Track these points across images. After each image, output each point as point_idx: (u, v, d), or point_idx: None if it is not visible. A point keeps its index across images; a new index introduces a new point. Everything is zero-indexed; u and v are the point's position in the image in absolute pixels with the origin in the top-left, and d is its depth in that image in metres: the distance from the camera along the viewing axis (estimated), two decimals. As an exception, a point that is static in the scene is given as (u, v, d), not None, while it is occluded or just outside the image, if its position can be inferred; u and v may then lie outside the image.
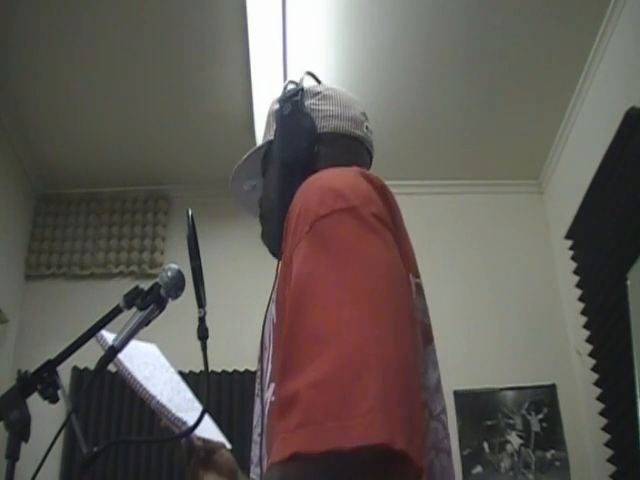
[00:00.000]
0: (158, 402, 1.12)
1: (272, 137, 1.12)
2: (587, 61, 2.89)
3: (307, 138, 1.07)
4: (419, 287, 0.91)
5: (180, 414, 1.13)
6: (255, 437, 0.96)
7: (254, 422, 0.99)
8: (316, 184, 0.86)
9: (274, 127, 1.12)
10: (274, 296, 0.94)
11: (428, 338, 0.91)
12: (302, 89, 1.12)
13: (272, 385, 0.86)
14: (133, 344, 1.02)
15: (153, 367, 1.23)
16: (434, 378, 0.88)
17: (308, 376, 0.68)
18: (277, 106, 1.13)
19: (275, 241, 1.03)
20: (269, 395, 0.86)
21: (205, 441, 1.19)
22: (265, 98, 2.90)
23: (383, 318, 0.72)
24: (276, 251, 1.04)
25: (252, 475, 0.96)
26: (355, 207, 0.80)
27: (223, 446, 1.22)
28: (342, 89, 1.17)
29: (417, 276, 0.92)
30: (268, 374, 0.89)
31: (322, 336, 0.70)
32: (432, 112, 3.17)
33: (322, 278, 0.75)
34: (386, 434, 0.64)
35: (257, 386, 1.00)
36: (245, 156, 1.17)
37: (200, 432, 1.15)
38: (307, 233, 0.79)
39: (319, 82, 1.20)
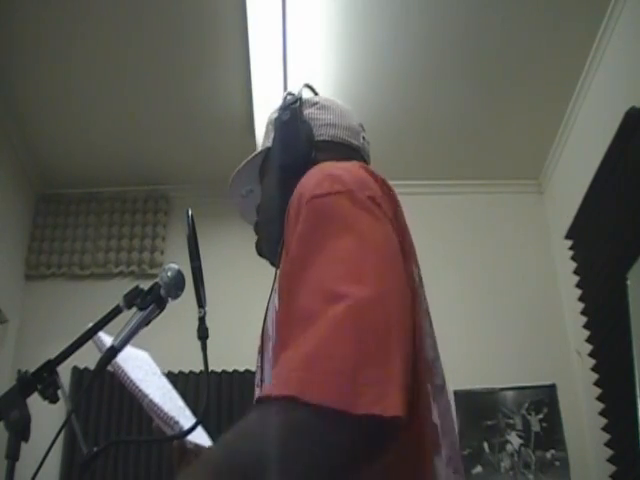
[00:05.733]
0: (151, 401, 1.12)
1: (270, 144, 1.14)
2: (587, 61, 2.89)
3: (305, 144, 1.09)
4: (420, 278, 0.92)
5: (173, 414, 1.13)
6: None
7: None
8: (314, 171, 0.88)
9: (272, 135, 1.14)
10: (276, 285, 0.94)
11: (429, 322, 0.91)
12: (301, 98, 1.14)
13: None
14: (127, 349, 1.02)
15: (146, 372, 1.23)
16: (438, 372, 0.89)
17: (294, 347, 0.68)
18: (276, 114, 1.16)
19: (275, 246, 1.03)
20: None
21: (197, 446, 1.19)
22: (265, 98, 2.90)
23: (378, 290, 0.71)
24: (274, 258, 1.04)
25: None
26: (351, 190, 0.81)
27: None
28: (340, 101, 1.20)
29: (417, 266, 0.92)
30: (272, 363, 0.89)
31: (316, 309, 0.70)
32: (432, 112, 3.17)
33: (316, 257, 0.75)
34: (386, 407, 0.63)
35: (257, 376, 1.00)
36: (243, 163, 1.18)
37: (193, 438, 1.16)
38: (303, 213, 0.81)
39: (316, 94, 1.23)
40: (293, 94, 1.16)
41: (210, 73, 2.96)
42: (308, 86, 1.23)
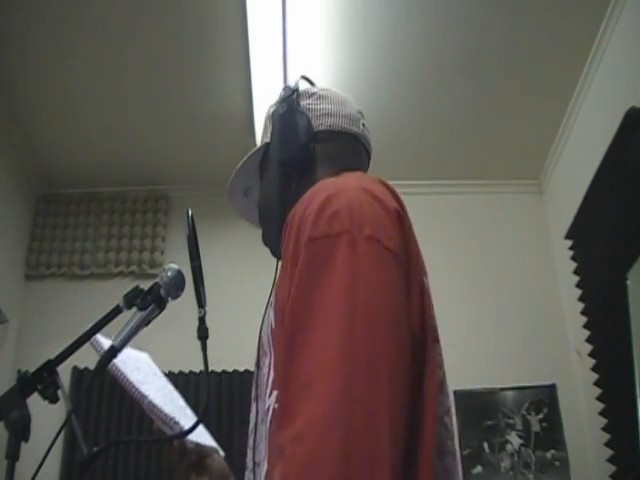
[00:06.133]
0: (150, 402, 1.12)
1: (269, 139, 1.13)
2: (587, 61, 2.89)
3: (303, 136, 1.07)
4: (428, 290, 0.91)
5: (173, 415, 1.13)
6: (250, 443, 0.96)
7: (250, 427, 0.99)
8: (320, 196, 0.86)
9: (270, 129, 1.13)
10: (272, 299, 0.93)
11: (435, 338, 0.90)
12: (297, 90, 1.13)
13: (275, 392, 0.85)
14: (126, 351, 1.02)
15: (146, 374, 1.23)
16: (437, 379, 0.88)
17: (290, 430, 0.72)
18: (273, 108, 1.14)
19: (275, 241, 1.03)
20: (271, 402, 0.85)
21: (198, 445, 1.19)
22: (265, 98, 2.90)
23: (361, 366, 0.73)
24: (276, 252, 1.04)
25: None
26: (349, 232, 0.80)
27: (216, 451, 1.22)
28: (338, 90, 1.18)
29: (426, 276, 0.92)
30: (270, 381, 0.88)
31: (304, 386, 0.73)
32: (432, 112, 3.17)
33: (310, 317, 0.77)
34: None
35: (253, 391, 1.00)
36: (242, 161, 1.17)
37: (194, 437, 1.15)
38: (302, 254, 0.81)
39: (314, 85, 1.21)
40: (290, 87, 1.14)
41: (210, 72, 2.96)
42: (305, 78, 1.21)
